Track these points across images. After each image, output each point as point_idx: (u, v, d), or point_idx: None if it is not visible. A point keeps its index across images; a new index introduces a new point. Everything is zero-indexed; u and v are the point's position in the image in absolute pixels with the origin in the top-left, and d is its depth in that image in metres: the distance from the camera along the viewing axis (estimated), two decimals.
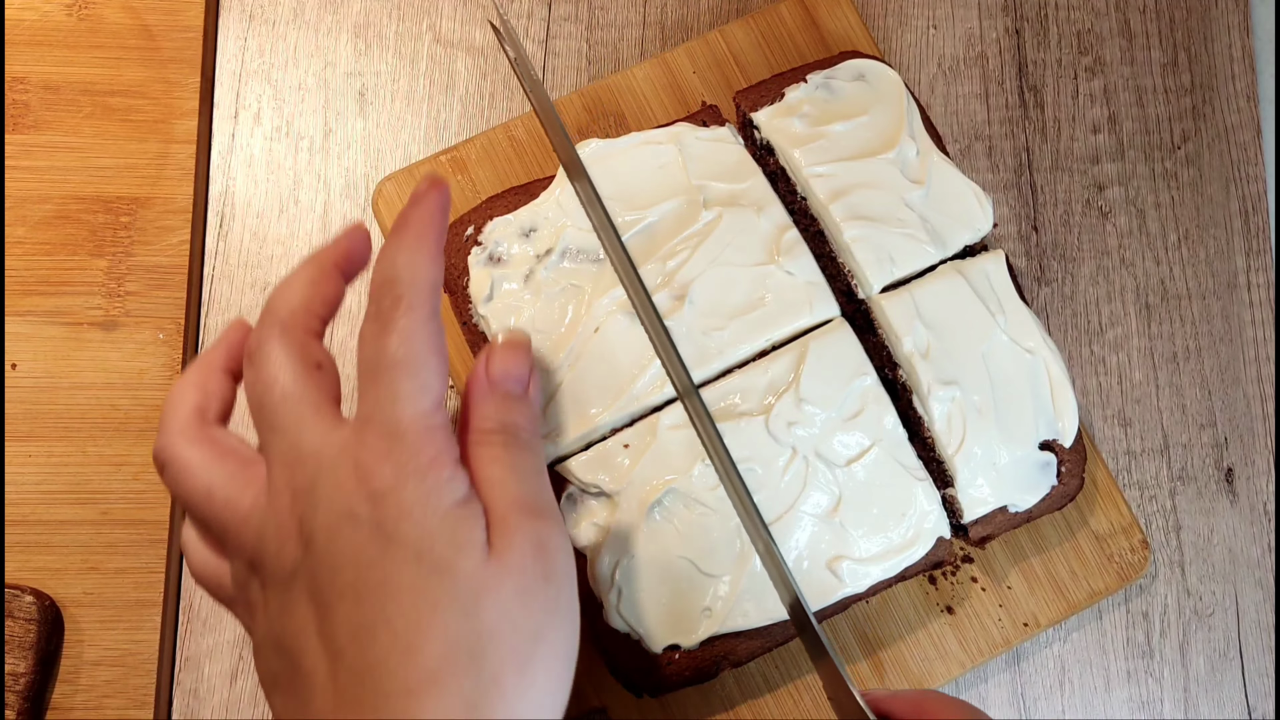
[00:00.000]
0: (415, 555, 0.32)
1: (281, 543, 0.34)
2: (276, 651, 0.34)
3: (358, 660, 0.32)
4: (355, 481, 0.33)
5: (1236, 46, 0.62)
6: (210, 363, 0.39)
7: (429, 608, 0.32)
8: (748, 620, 0.46)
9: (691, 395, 0.47)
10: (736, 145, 0.52)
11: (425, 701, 0.31)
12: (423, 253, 0.36)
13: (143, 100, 0.56)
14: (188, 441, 0.37)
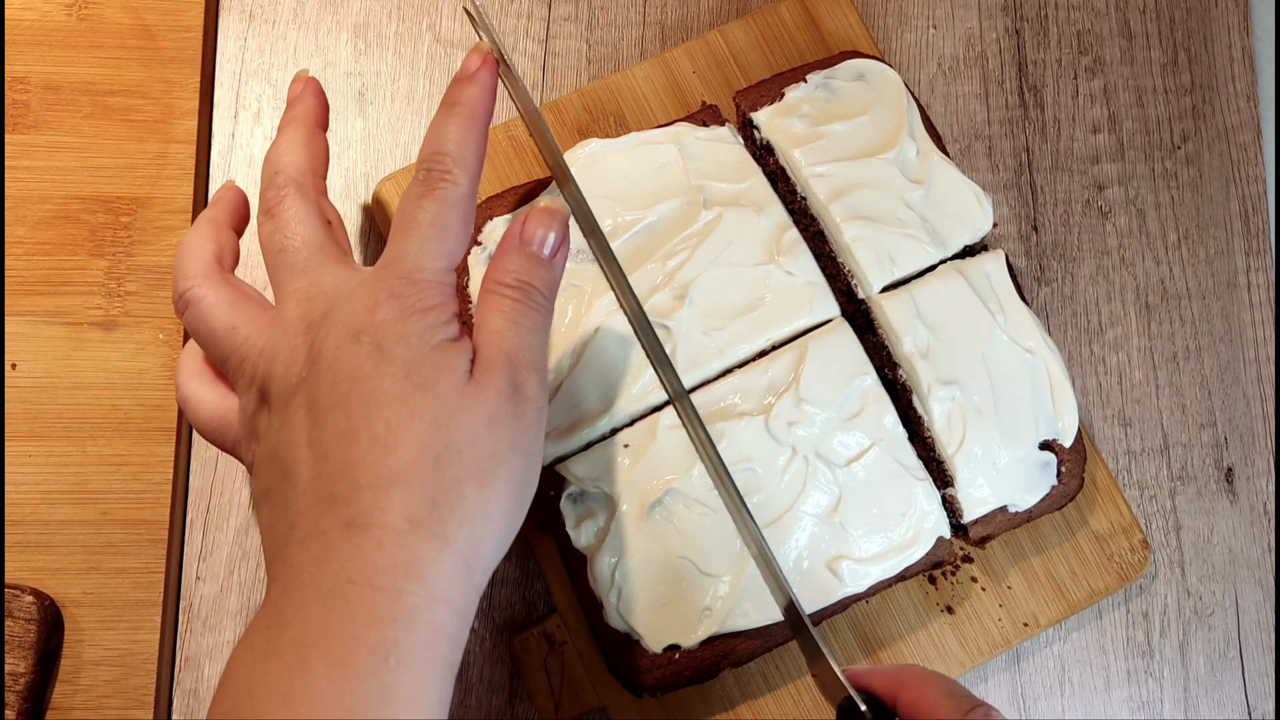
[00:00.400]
0: (404, 372, 0.36)
1: (290, 363, 0.37)
2: (271, 465, 0.37)
3: (340, 461, 0.35)
4: (366, 310, 0.37)
5: (1236, 46, 0.62)
6: (217, 219, 0.43)
7: (407, 416, 0.35)
8: (748, 620, 0.46)
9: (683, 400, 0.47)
10: (736, 145, 0.52)
11: (393, 494, 0.34)
12: (473, 132, 0.40)
13: (143, 100, 0.56)
14: (211, 284, 0.41)
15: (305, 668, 0.32)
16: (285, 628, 0.33)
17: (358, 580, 0.33)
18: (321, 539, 0.34)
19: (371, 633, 0.33)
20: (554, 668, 0.50)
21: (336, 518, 0.35)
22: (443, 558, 0.35)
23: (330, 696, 0.32)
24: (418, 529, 0.35)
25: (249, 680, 0.33)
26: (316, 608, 0.33)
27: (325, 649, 0.33)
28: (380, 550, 0.34)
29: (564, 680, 0.50)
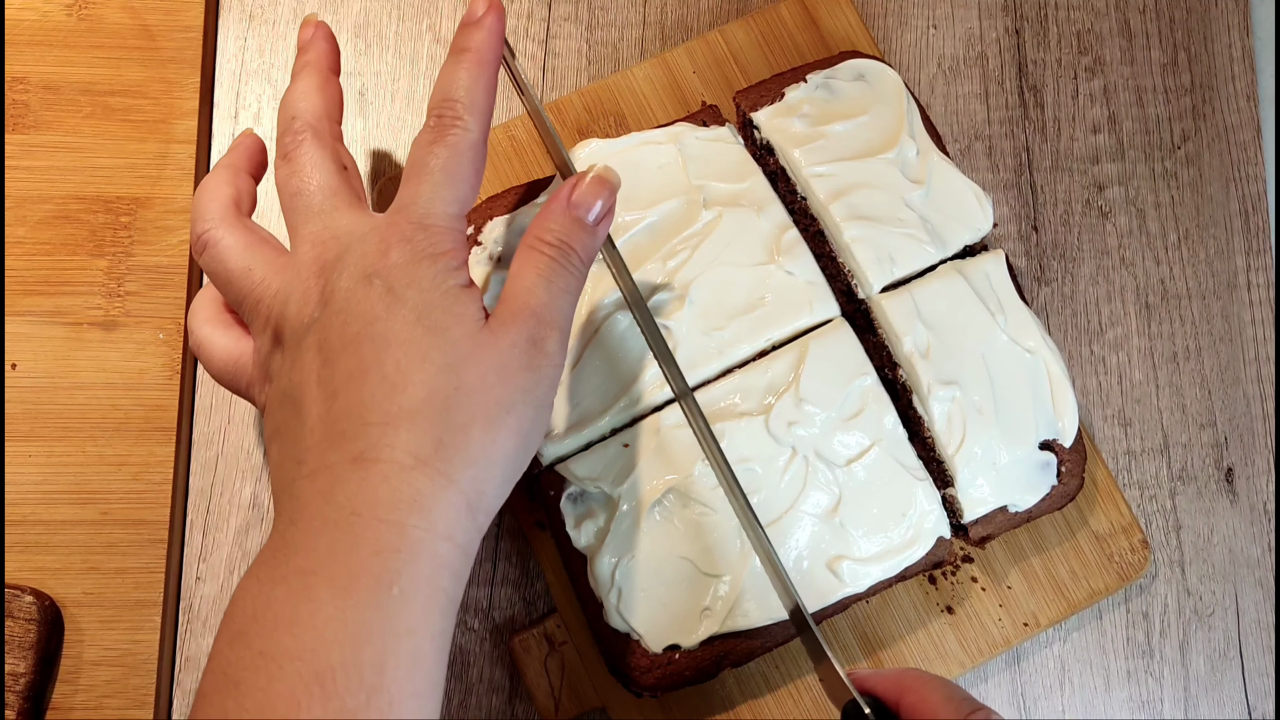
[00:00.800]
0: (416, 315, 0.37)
1: (303, 304, 0.38)
2: (282, 403, 0.38)
3: (349, 399, 0.36)
4: (378, 253, 0.38)
5: (1236, 46, 0.62)
6: (235, 164, 0.45)
7: (418, 358, 0.36)
8: (748, 620, 0.46)
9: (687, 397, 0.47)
10: (736, 145, 0.52)
11: (400, 432, 0.35)
12: (482, 77, 0.41)
13: (143, 100, 0.56)
14: (229, 227, 0.42)
15: (311, 595, 0.33)
16: (291, 557, 0.34)
17: (363, 512, 0.34)
18: (329, 473, 0.35)
19: (376, 562, 0.34)
20: (554, 668, 0.50)
21: (344, 453, 0.35)
22: (446, 495, 0.36)
23: (336, 622, 0.33)
24: (423, 466, 0.35)
25: (255, 607, 0.34)
26: (323, 538, 0.34)
27: (331, 577, 0.33)
28: (386, 484, 0.35)
29: (564, 680, 0.50)
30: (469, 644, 0.52)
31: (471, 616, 0.52)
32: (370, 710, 0.32)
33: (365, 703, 0.32)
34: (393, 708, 0.33)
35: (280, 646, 0.33)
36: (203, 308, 0.45)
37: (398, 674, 0.33)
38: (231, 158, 0.45)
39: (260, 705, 0.32)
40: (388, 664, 0.33)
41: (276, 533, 0.36)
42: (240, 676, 0.33)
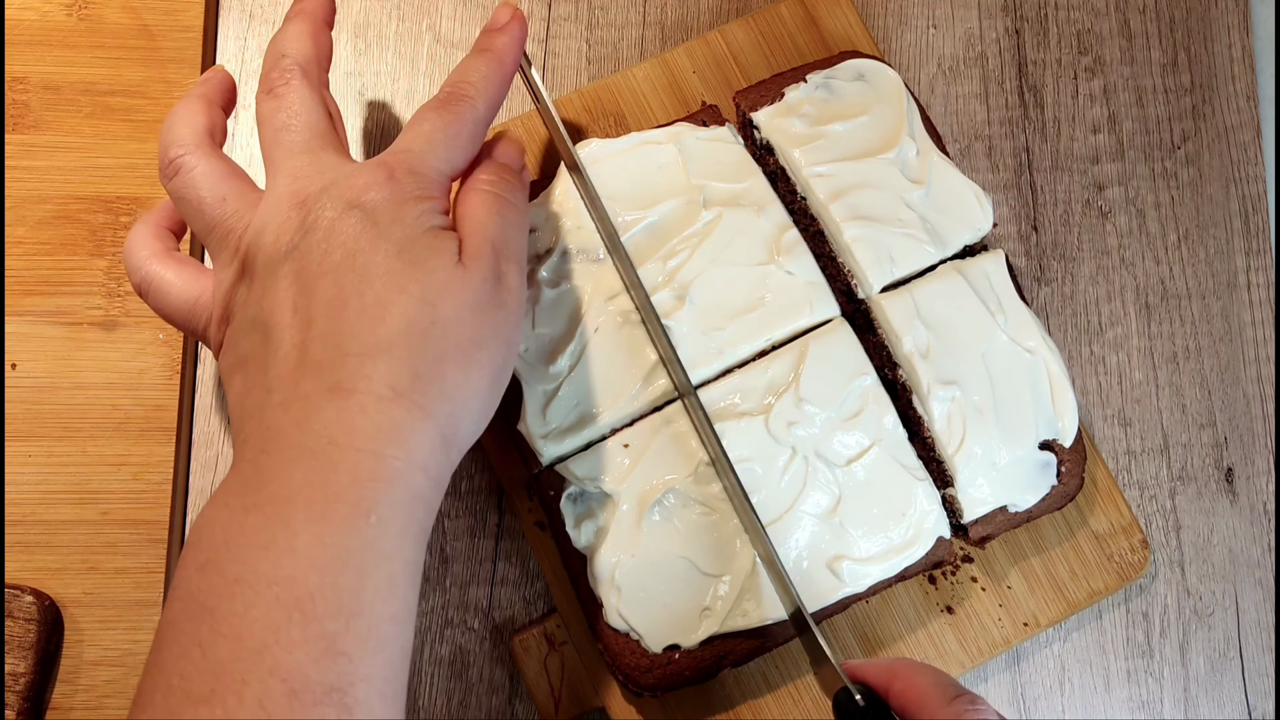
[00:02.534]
0: (397, 249, 0.37)
1: (280, 234, 0.38)
2: (249, 332, 0.38)
3: (326, 327, 0.36)
4: (364, 188, 0.38)
5: (1236, 46, 0.62)
6: (207, 96, 0.44)
7: (398, 289, 0.37)
8: (747, 620, 0.46)
9: (689, 396, 0.47)
10: (736, 145, 0.52)
11: (378, 363, 0.36)
12: (498, 73, 0.43)
13: (143, 100, 0.56)
14: (204, 154, 0.41)
15: (287, 522, 0.33)
16: (265, 484, 0.34)
17: (340, 442, 0.34)
18: (304, 402, 0.35)
19: (353, 491, 0.34)
20: (554, 668, 0.50)
21: (320, 382, 0.35)
22: (422, 427, 0.36)
23: (314, 548, 0.33)
24: (400, 398, 0.36)
25: (226, 534, 0.33)
26: (298, 466, 0.34)
27: (308, 504, 0.33)
28: (363, 415, 0.35)
29: (564, 680, 0.50)
30: (469, 644, 0.52)
31: (471, 616, 0.52)
32: (349, 634, 0.32)
33: (345, 626, 0.32)
34: (371, 631, 0.33)
35: (257, 572, 0.32)
36: (145, 242, 0.43)
37: (375, 598, 0.33)
38: (204, 90, 0.44)
39: (237, 631, 0.32)
40: (365, 588, 0.33)
41: (245, 460, 0.35)
42: (213, 603, 0.32)
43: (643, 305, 0.48)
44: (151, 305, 0.43)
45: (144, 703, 0.32)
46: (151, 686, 0.32)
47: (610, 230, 0.49)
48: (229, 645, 0.31)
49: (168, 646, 0.33)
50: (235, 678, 0.31)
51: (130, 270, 0.43)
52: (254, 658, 0.31)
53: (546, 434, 0.48)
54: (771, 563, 0.46)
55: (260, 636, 0.32)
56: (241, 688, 0.31)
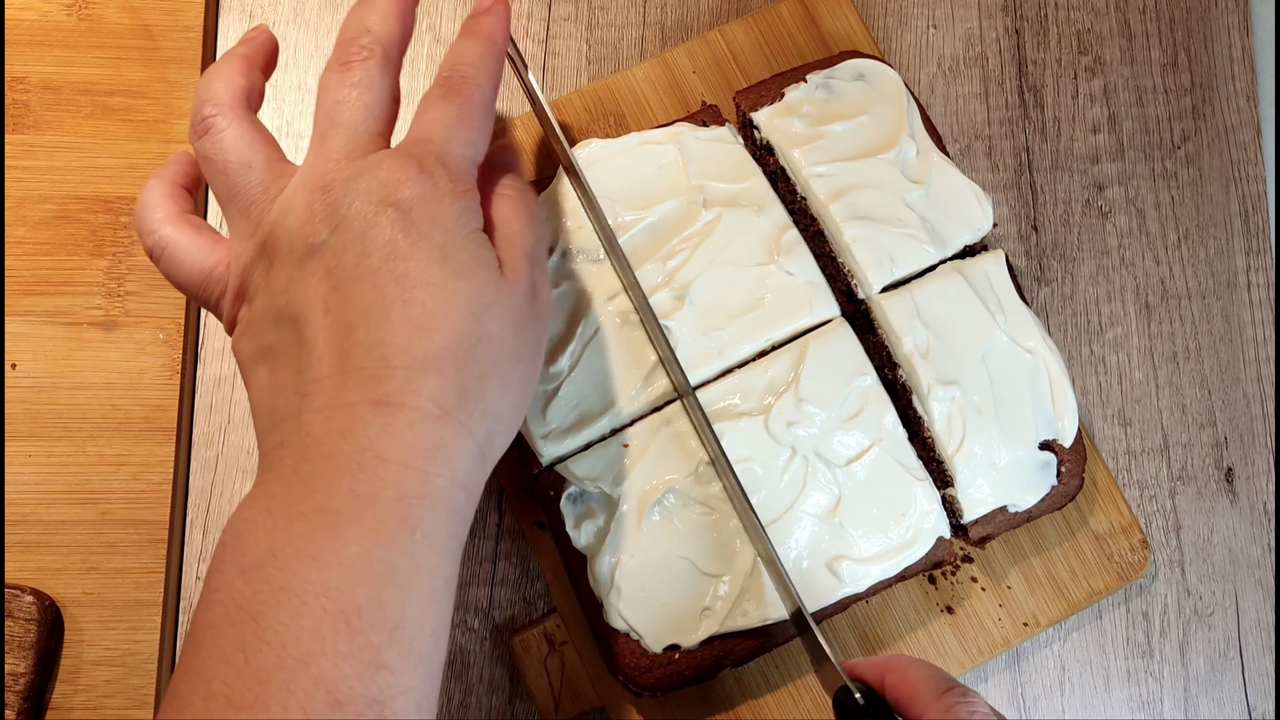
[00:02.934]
0: (440, 256, 0.36)
1: (307, 222, 0.37)
2: (275, 323, 0.37)
3: (368, 335, 0.35)
4: (397, 182, 0.37)
5: (1236, 46, 0.62)
6: (249, 57, 0.43)
7: (445, 302, 0.36)
8: (747, 620, 0.46)
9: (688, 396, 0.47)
10: (736, 145, 0.52)
11: (427, 378, 0.35)
12: (491, 53, 0.42)
13: (143, 100, 0.56)
14: (238, 117, 0.40)
15: (336, 533, 0.33)
16: (310, 494, 0.34)
17: (388, 457, 0.34)
18: (348, 412, 0.35)
19: (400, 506, 0.34)
20: (554, 668, 0.50)
21: (364, 393, 0.35)
22: (465, 446, 0.36)
23: (361, 561, 0.33)
24: (446, 415, 0.35)
25: (270, 541, 0.33)
26: (345, 478, 0.34)
27: (355, 518, 0.33)
28: (411, 432, 0.35)
29: (564, 680, 0.50)
30: (469, 644, 0.52)
31: (471, 616, 0.52)
32: (392, 647, 0.33)
33: (388, 640, 0.33)
34: (413, 645, 0.33)
35: (304, 581, 0.32)
36: (159, 202, 0.41)
37: (417, 613, 0.34)
38: (246, 49, 0.42)
39: (282, 639, 0.32)
40: (409, 603, 0.33)
41: (284, 465, 0.35)
42: (257, 610, 0.32)
43: (641, 306, 0.48)
44: (163, 270, 0.41)
45: (180, 705, 0.32)
46: (189, 689, 0.32)
47: (608, 233, 0.49)
48: (274, 653, 0.31)
49: (207, 650, 0.32)
50: (280, 686, 0.31)
51: (143, 232, 0.41)
52: (300, 667, 0.31)
53: (546, 434, 0.48)
54: (771, 562, 0.46)
55: (306, 646, 0.31)
56: (286, 697, 0.31)
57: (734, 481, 0.46)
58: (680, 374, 0.47)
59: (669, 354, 0.48)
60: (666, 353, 0.48)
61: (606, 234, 0.49)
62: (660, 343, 0.48)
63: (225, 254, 0.40)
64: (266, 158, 0.39)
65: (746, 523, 0.47)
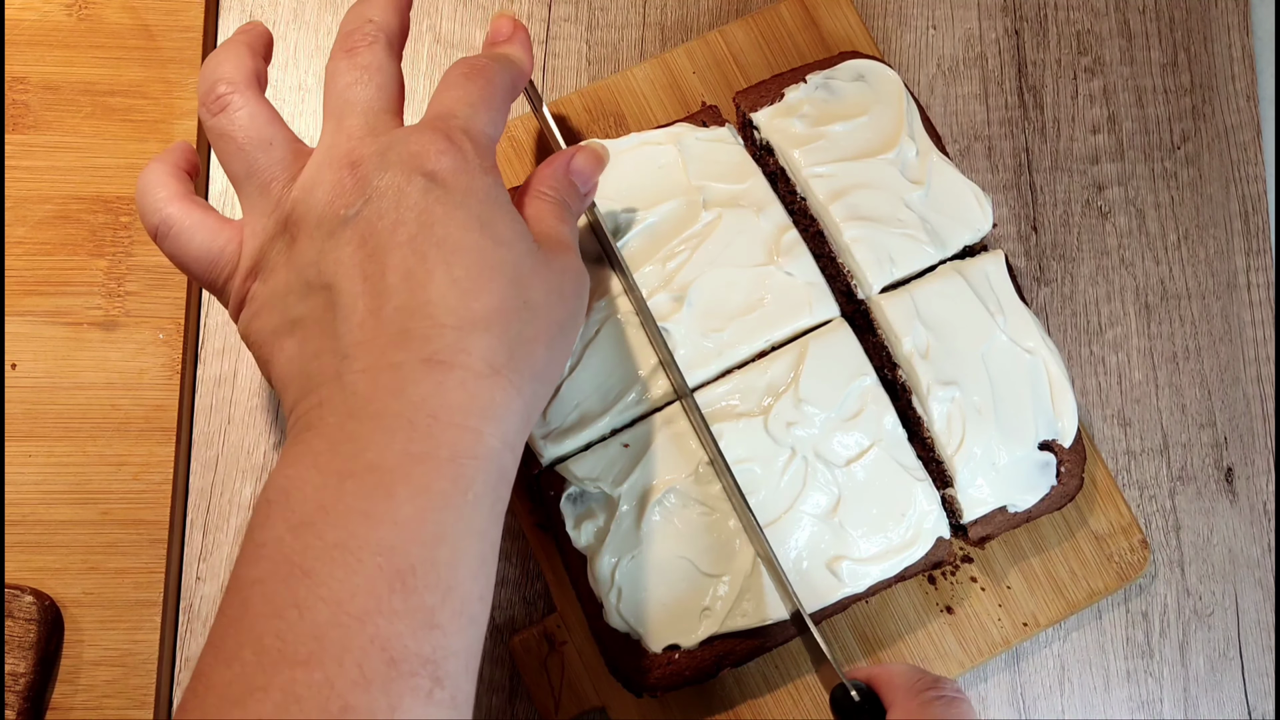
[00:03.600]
0: (479, 224, 0.36)
1: (336, 196, 0.37)
2: (304, 295, 0.37)
3: (410, 298, 0.35)
4: (427, 154, 0.37)
5: (1236, 46, 0.62)
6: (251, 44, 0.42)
7: (489, 268, 0.36)
8: (747, 620, 0.46)
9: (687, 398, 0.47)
10: (736, 145, 0.52)
11: (476, 336, 0.35)
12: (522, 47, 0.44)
13: (143, 100, 0.56)
14: (253, 95, 0.40)
15: (389, 492, 0.33)
16: (360, 452, 0.34)
17: (440, 416, 0.34)
18: (395, 371, 0.34)
19: (453, 467, 0.34)
20: (554, 668, 0.50)
21: (413, 353, 0.35)
22: (515, 406, 0.36)
23: (415, 521, 0.33)
24: (497, 375, 0.35)
25: (321, 498, 0.33)
26: (397, 436, 0.34)
27: (408, 477, 0.33)
28: (463, 390, 0.35)
29: (564, 680, 0.50)
30: None
31: None
32: (445, 608, 0.33)
33: (441, 601, 0.33)
34: (463, 607, 0.33)
35: (359, 539, 0.32)
36: (164, 182, 0.41)
37: (467, 575, 0.34)
38: (246, 38, 0.43)
39: (338, 596, 0.31)
40: (460, 565, 0.34)
41: (330, 425, 0.34)
42: (310, 565, 0.32)
43: (640, 308, 0.48)
44: (168, 250, 0.41)
45: (227, 657, 0.32)
46: (238, 643, 0.32)
47: (606, 235, 0.49)
48: (329, 609, 0.31)
49: (256, 605, 0.32)
50: (336, 643, 0.31)
51: (147, 211, 0.41)
52: (356, 624, 0.31)
53: (547, 434, 0.48)
54: (769, 562, 0.46)
55: (362, 603, 0.32)
56: (342, 653, 0.31)
57: (732, 482, 0.46)
58: (679, 376, 0.47)
59: (667, 356, 0.48)
60: (665, 355, 0.48)
61: (604, 237, 0.49)
62: (659, 344, 0.48)
63: (234, 233, 0.40)
64: (285, 136, 0.40)
65: (745, 523, 0.47)
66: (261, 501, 0.34)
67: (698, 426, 0.48)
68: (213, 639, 0.33)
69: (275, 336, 0.38)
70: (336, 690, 0.30)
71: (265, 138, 0.39)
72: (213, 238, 0.40)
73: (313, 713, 0.30)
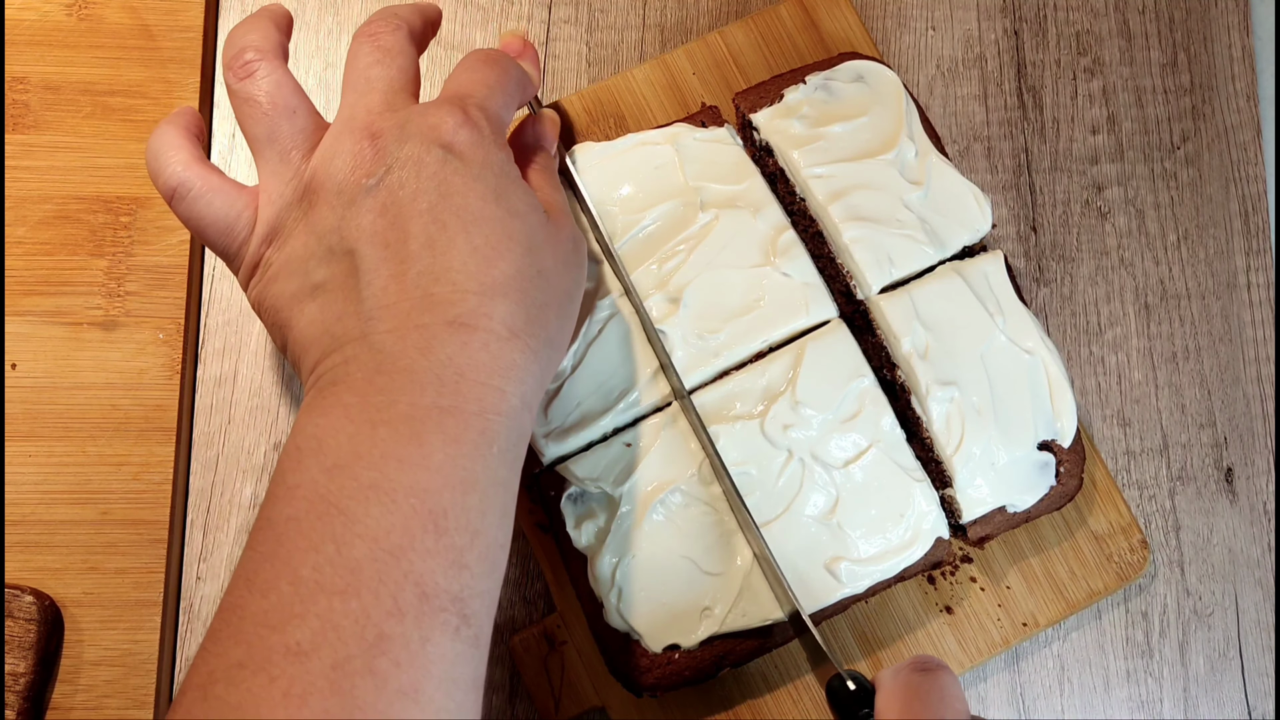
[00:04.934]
0: (495, 196, 0.38)
1: (356, 165, 0.38)
2: (325, 260, 0.38)
3: (434, 264, 0.37)
4: (445, 128, 0.38)
5: (1236, 46, 0.62)
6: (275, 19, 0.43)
7: (505, 236, 0.38)
8: (747, 620, 0.46)
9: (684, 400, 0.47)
10: (734, 146, 0.52)
11: (497, 302, 0.37)
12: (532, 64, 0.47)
13: (143, 100, 0.56)
14: (280, 64, 0.41)
15: (420, 439, 0.35)
16: (393, 404, 0.35)
17: (467, 375, 0.36)
18: (422, 332, 0.36)
19: (480, 421, 0.36)
20: (554, 667, 0.50)
21: (438, 315, 0.36)
22: (532, 369, 0.38)
23: (447, 467, 0.35)
24: (516, 338, 0.37)
25: (355, 444, 0.34)
26: (429, 391, 0.35)
27: (440, 427, 0.35)
28: (486, 351, 0.36)
29: (564, 680, 0.50)
30: None
31: None
32: (472, 550, 0.35)
33: (469, 543, 0.34)
34: (489, 552, 0.35)
35: (393, 482, 0.34)
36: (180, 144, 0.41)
37: (493, 523, 0.36)
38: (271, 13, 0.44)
39: (374, 533, 0.33)
40: (487, 512, 0.36)
41: (359, 379, 0.36)
42: (346, 504, 0.33)
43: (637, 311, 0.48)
44: (184, 212, 0.41)
45: (264, 589, 0.33)
46: (273, 575, 0.33)
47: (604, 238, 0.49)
48: (365, 545, 0.33)
49: (292, 540, 0.33)
50: (372, 575, 0.32)
51: (164, 173, 0.41)
52: (391, 559, 0.33)
53: (548, 434, 0.48)
54: (766, 562, 0.46)
55: (397, 540, 0.33)
56: (378, 585, 0.32)
57: (729, 485, 0.46)
58: (676, 378, 0.47)
59: (665, 358, 0.48)
60: (662, 357, 0.48)
61: (602, 239, 0.49)
62: (656, 347, 0.48)
63: (251, 199, 0.41)
64: (309, 107, 0.41)
65: (743, 523, 0.47)
66: (291, 449, 0.35)
67: (696, 428, 0.48)
68: (244, 572, 0.34)
69: (295, 300, 0.39)
70: (372, 619, 0.32)
71: (290, 106, 0.40)
72: (230, 203, 0.41)
73: (350, 639, 0.31)
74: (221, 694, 0.31)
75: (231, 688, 0.31)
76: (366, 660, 0.31)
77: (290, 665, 0.31)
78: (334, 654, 0.31)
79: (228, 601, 0.33)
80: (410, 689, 0.32)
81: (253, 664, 0.31)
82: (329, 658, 0.31)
